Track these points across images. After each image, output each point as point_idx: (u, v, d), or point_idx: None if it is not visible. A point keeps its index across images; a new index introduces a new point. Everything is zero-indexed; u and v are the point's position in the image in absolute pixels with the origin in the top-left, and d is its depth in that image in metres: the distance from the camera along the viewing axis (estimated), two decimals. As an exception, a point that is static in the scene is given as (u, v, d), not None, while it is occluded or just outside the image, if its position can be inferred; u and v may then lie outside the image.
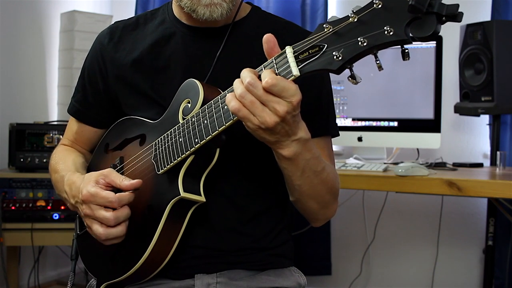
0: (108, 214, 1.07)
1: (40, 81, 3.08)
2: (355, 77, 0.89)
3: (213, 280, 1.18)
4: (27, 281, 2.90)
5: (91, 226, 1.10)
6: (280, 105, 0.93)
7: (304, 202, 1.17)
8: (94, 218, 1.09)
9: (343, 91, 2.55)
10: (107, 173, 1.11)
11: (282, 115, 0.94)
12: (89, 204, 1.09)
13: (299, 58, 0.91)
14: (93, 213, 1.08)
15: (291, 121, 0.96)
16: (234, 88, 0.96)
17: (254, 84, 0.93)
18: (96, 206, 1.08)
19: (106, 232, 1.08)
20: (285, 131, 0.97)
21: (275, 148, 1.02)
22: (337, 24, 0.88)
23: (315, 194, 1.14)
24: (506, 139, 2.55)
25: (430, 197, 2.66)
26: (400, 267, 2.88)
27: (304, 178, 1.08)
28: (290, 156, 1.02)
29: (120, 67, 1.28)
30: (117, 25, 1.34)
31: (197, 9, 1.15)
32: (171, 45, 1.25)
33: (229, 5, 1.16)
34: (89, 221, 1.10)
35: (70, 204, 1.19)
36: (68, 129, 1.41)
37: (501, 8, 2.51)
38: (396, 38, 0.83)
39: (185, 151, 1.07)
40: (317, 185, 1.12)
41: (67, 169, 1.27)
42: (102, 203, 1.07)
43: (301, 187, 1.11)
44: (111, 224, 1.08)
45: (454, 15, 0.81)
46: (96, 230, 1.09)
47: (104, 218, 1.07)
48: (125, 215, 1.09)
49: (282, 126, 0.96)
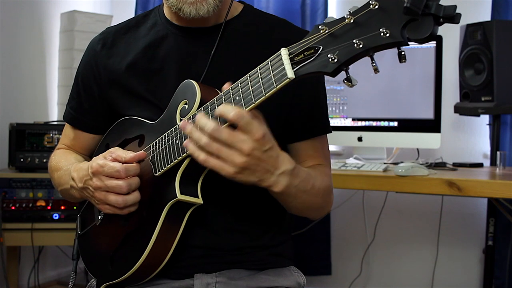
0: (121, 182, 1.09)
1: (40, 81, 3.08)
2: (351, 80, 0.88)
3: (213, 280, 1.19)
4: (27, 281, 2.90)
5: (105, 198, 1.11)
6: (244, 143, 0.94)
7: (302, 214, 1.21)
8: (106, 190, 1.10)
9: (343, 91, 2.55)
10: (114, 150, 1.14)
11: (248, 153, 0.94)
12: (99, 175, 1.10)
13: (294, 60, 0.91)
14: (104, 183, 1.10)
15: (265, 156, 0.97)
16: (196, 139, 0.97)
17: (217, 130, 0.94)
18: (106, 177, 1.10)
19: (123, 199, 1.10)
20: (262, 168, 0.98)
21: (265, 186, 1.03)
22: (333, 25, 0.88)
23: (309, 207, 1.18)
24: (506, 139, 2.54)
25: (430, 197, 2.66)
26: (400, 267, 2.88)
27: (297, 200, 1.11)
28: (282, 191, 1.03)
29: (114, 72, 1.28)
30: (108, 30, 1.34)
31: (183, 8, 1.15)
32: (164, 47, 1.25)
33: (216, 1, 1.15)
34: (101, 194, 1.11)
35: (78, 190, 1.19)
36: (64, 135, 1.41)
37: (501, 8, 2.51)
38: (392, 40, 0.82)
39: (182, 153, 1.07)
40: (310, 200, 1.15)
41: (71, 163, 1.27)
42: (110, 173, 1.09)
43: (296, 206, 1.15)
44: (124, 191, 1.10)
45: (451, 16, 0.80)
46: (114, 200, 1.10)
47: (117, 185, 1.09)
48: (136, 182, 1.11)
49: (256, 164, 0.97)
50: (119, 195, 1.10)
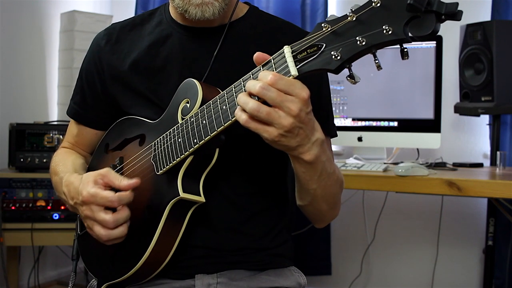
0: (107, 217, 1.06)
1: (40, 81, 3.08)
2: (354, 77, 0.89)
3: (214, 280, 1.18)
4: (27, 281, 2.89)
5: (92, 227, 1.10)
6: (292, 103, 0.91)
7: (316, 205, 1.15)
8: (95, 220, 1.08)
9: (343, 91, 2.55)
10: (105, 173, 1.10)
11: (297, 114, 0.92)
12: (89, 205, 1.08)
13: (298, 57, 0.91)
14: (94, 215, 1.08)
15: (307, 119, 0.94)
16: (242, 103, 0.93)
17: (267, 88, 0.90)
18: (97, 207, 1.07)
19: (107, 233, 1.08)
20: (304, 132, 0.95)
21: (297, 154, 0.99)
22: (335, 23, 0.88)
23: (327, 196, 1.14)
24: (506, 139, 2.55)
25: (430, 197, 2.66)
26: (400, 267, 2.88)
27: (320, 181, 1.07)
28: (312, 160, 1.00)
29: (117, 68, 1.28)
30: (114, 26, 1.34)
31: (189, 9, 1.15)
32: (168, 46, 1.25)
33: (222, 4, 1.15)
34: (90, 223, 1.10)
35: (69, 205, 1.19)
36: (68, 132, 1.41)
37: (501, 8, 2.51)
38: (395, 37, 0.82)
39: (184, 151, 1.07)
40: (330, 187, 1.12)
41: (66, 170, 1.26)
42: (103, 203, 1.07)
43: (316, 190, 1.10)
44: (111, 226, 1.07)
45: (453, 13, 0.80)
46: (98, 232, 1.08)
47: (104, 220, 1.07)
48: (124, 217, 1.08)
49: (299, 127, 0.94)
50: (104, 229, 1.08)
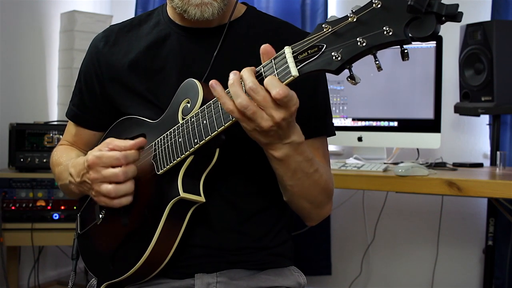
0: (117, 170, 1.07)
1: (40, 81, 3.08)
2: (354, 78, 0.89)
3: (213, 280, 1.19)
4: (27, 281, 2.89)
5: (99, 189, 1.09)
6: (278, 112, 0.94)
7: (296, 202, 1.17)
8: (102, 180, 1.08)
9: (343, 91, 2.55)
10: (110, 141, 1.11)
11: (277, 121, 0.95)
12: (95, 167, 1.09)
13: (298, 58, 0.91)
14: (101, 174, 1.08)
15: (285, 126, 0.97)
16: (233, 93, 0.95)
17: (255, 90, 0.93)
18: (103, 167, 1.08)
19: (115, 188, 1.08)
20: (278, 135, 0.99)
21: (267, 149, 1.03)
22: (336, 24, 0.88)
23: (306, 195, 1.15)
24: (506, 139, 2.55)
25: (430, 197, 2.66)
26: (400, 267, 2.88)
27: (295, 179, 1.09)
28: (281, 158, 1.03)
29: (116, 69, 1.28)
30: (112, 28, 1.34)
31: (188, 9, 1.15)
32: (167, 46, 1.25)
33: (221, 4, 1.15)
34: (96, 185, 1.10)
35: (76, 185, 1.18)
36: (67, 131, 1.41)
37: (501, 8, 2.51)
38: (395, 39, 0.82)
39: (185, 151, 1.07)
40: (309, 186, 1.13)
41: (71, 158, 1.27)
42: (109, 162, 1.08)
43: (292, 187, 1.12)
44: (121, 179, 1.07)
45: (453, 15, 0.80)
46: (105, 189, 1.08)
47: (113, 174, 1.07)
48: (133, 170, 1.09)
49: (275, 131, 0.97)
50: (110, 184, 1.08)
